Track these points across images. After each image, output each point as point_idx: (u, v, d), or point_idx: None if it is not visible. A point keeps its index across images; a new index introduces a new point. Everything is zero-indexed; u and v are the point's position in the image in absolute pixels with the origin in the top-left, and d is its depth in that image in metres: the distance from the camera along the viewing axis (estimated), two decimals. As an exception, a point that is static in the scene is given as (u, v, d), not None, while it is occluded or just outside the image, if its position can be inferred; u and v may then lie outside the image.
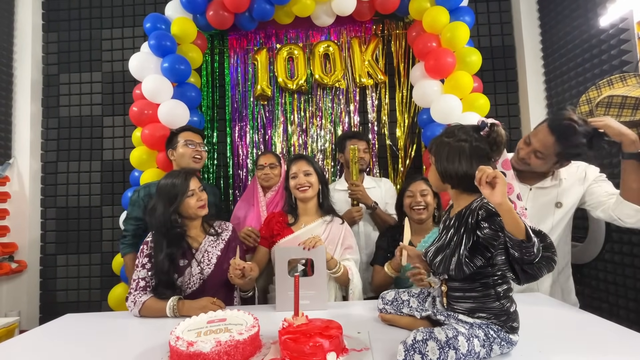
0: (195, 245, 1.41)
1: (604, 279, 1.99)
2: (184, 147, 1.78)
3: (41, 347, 1.08)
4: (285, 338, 0.90)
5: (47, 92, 2.73)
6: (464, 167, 0.88)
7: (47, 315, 2.54)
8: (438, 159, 0.93)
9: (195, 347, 0.85)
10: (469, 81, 2.16)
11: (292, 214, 1.61)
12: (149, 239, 1.39)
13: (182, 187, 1.36)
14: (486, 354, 0.81)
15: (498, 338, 0.83)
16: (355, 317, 1.19)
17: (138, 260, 1.36)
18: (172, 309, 1.25)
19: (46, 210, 2.66)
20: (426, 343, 0.76)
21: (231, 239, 1.48)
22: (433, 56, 2.18)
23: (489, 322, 0.85)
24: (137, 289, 1.32)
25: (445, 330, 0.79)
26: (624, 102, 1.66)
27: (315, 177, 1.57)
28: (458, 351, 0.76)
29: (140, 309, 1.28)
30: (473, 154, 0.88)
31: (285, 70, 2.61)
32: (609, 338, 0.95)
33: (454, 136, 0.91)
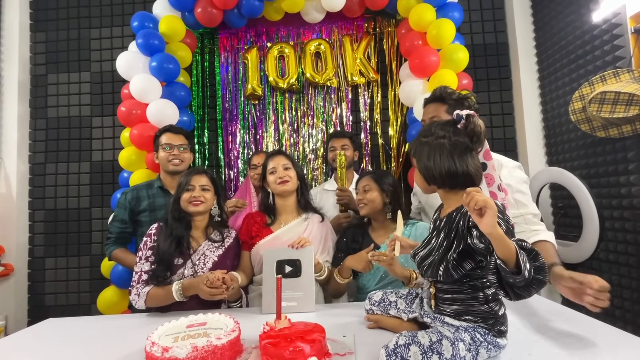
0: (194, 246, 1.39)
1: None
2: (162, 150, 1.74)
3: (19, 353, 1.05)
4: (265, 342, 0.86)
5: (35, 93, 2.68)
6: (446, 164, 0.84)
7: (35, 319, 2.48)
8: (419, 160, 0.90)
9: (170, 353, 0.82)
10: (453, 79, 2.12)
11: (270, 214, 1.56)
12: (153, 231, 1.38)
13: (185, 180, 1.40)
14: (472, 358, 0.78)
15: (485, 342, 0.80)
16: (342, 320, 1.15)
17: (141, 253, 1.34)
18: (178, 292, 1.25)
19: (34, 213, 2.61)
20: (408, 348, 0.73)
21: (231, 247, 1.46)
22: (417, 55, 2.16)
23: (475, 326, 0.82)
24: (140, 281, 1.31)
25: (429, 334, 0.76)
26: (617, 98, 1.63)
27: (294, 172, 1.52)
28: (442, 356, 0.73)
29: (145, 299, 1.27)
30: (454, 149, 0.85)
31: (276, 69, 2.58)
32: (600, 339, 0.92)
33: (432, 134, 0.88)
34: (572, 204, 2.09)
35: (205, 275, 1.22)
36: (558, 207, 2.31)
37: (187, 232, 1.39)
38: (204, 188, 1.41)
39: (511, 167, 1.39)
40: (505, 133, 2.57)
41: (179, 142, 1.76)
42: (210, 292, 1.20)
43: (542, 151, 2.49)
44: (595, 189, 1.91)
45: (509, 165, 1.40)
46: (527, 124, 2.50)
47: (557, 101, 2.30)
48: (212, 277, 1.20)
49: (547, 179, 2.19)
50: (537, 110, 2.51)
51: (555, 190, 2.35)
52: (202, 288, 1.20)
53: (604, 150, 1.92)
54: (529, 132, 2.50)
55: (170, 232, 1.35)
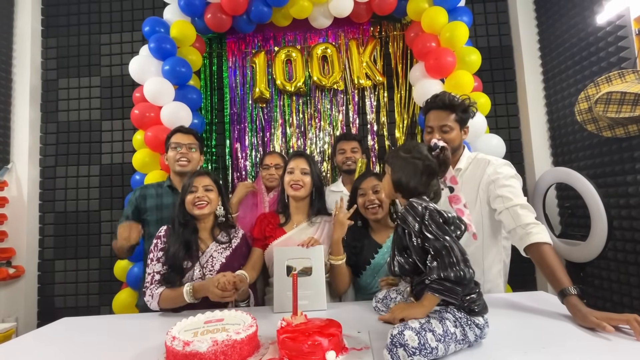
0: (202, 248, 1.40)
1: (608, 277, 1.97)
2: (171, 150, 1.75)
3: (37, 349, 1.06)
4: (283, 337, 0.88)
5: (46, 97, 2.73)
6: (415, 181, 0.99)
7: (45, 321, 2.47)
8: (394, 170, 1.03)
9: (191, 347, 0.83)
10: (470, 80, 2.16)
11: (284, 213, 1.58)
12: (162, 232, 1.40)
13: (188, 182, 1.42)
14: (462, 334, 0.85)
15: (463, 318, 0.87)
16: (355, 317, 1.17)
17: (152, 255, 1.36)
18: (189, 294, 1.26)
19: (44, 215, 2.65)
20: (403, 334, 0.78)
21: (239, 247, 1.47)
22: (433, 56, 2.18)
23: (446, 307, 0.89)
24: (153, 282, 1.33)
25: (418, 320, 0.84)
26: (623, 99, 1.65)
27: (310, 178, 1.53)
28: (435, 332, 0.80)
29: (158, 300, 1.29)
30: (425, 170, 0.99)
31: (283, 73, 2.62)
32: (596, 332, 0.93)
33: (410, 153, 1.01)
34: (579, 203, 2.10)
35: (217, 278, 1.22)
36: (565, 207, 2.32)
37: (195, 235, 1.40)
38: (207, 188, 1.42)
39: (497, 165, 1.38)
40: (511, 134, 2.59)
41: (188, 141, 1.76)
42: (221, 294, 1.21)
43: (547, 152, 2.50)
44: (602, 189, 1.92)
45: (496, 163, 1.39)
46: (533, 125, 2.51)
47: (562, 102, 2.32)
48: (224, 280, 1.21)
49: (553, 179, 2.20)
50: (542, 111, 2.53)
51: (561, 191, 2.36)
52: (213, 290, 1.21)
53: (610, 149, 1.93)
54: (534, 133, 2.52)
55: (177, 236, 1.36)
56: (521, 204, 1.26)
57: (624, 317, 0.93)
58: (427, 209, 0.92)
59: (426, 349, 0.77)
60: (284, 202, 1.60)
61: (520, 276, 2.42)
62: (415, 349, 0.76)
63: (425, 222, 0.90)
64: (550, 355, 0.83)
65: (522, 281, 2.39)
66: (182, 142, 1.75)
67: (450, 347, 0.82)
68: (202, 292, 1.26)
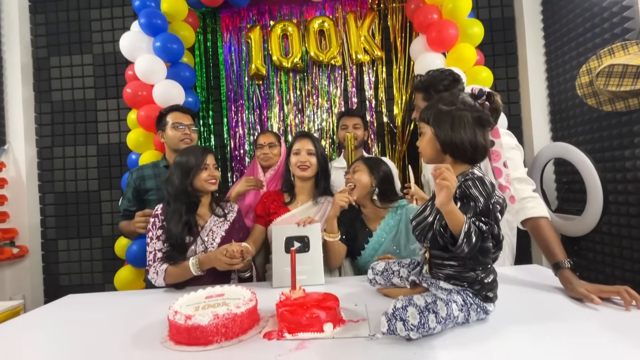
0: (201, 223, 1.43)
1: (601, 250, 2.01)
2: (172, 129, 1.73)
3: (45, 324, 1.10)
4: (282, 310, 0.91)
5: (38, 76, 2.68)
6: (469, 136, 0.87)
7: (51, 298, 2.54)
8: (439, 128, 0.90)
9: (193, 321, 0.86)
10: (472, 54, 2.12)
11: (289, 193, 1.60)
12: (159, 211, 1.41)
13: (199, 160, 1.41)
14: (464, 318, 0.85)
15: (474, 304, 0.86)
16: (352, 291, 1.20)
17: (151, 233, 1.38)
18: (195, 266, 1.30)
19: (44, 196, 2.66)
20: (406, 309, 0.77)
21: (235, 220, 1.50)
22: (435, 28, 2.13)
23: (464, 289, 0.87)
24: (156, 260, 1.36)
25: (424, 297, 0.81)
26: (625, 71, 1.63)
27: (316, 159, 1.55)
28: (438, 315, 0.79)
29: (164, 276, 1.33)
30: (476, 122, 0.87)
31: (279, 48, 2.56)
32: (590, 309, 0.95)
33: (454, 105, 0.89)
34: (576, 179, 2.11)
35: (224, 247, 1.26)
36: (562, 182, 2.33)
37: (194, 212, 1.42)
38: (215, 167, 1.46)
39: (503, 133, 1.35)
40: (510, 110, 2.56)
41: (189, 121, 1.78)
42: (230, 262, 1.25)
43: (547, 127, 2.49)
44: (600, 164, 1.93)
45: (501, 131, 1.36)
46: (533, 100, 2.49)
47: (563, 76, 2.29)
48: (231, 249, 1.25)
49: (551, 154, 2.20)
50: (543, 86, 2.49)
51: (559, 166, 2.37)
52: (221, 258, 1.24)
53: (609, 124, 1.92)
54: (534, 109, 2.49)
55: (179, 215, 1.37)
56: (518, 177, 1.25)
57: (615, 288, 0.95)
58: (495, 191, 0.84)
59: (424, 328, 0.77)
60: (289, 182, 1.61)
61: (517, 249, 2.46)
62: (414, 326, 0.76)
63: (492, 202, 0.82)
64: (540, 324, 0.86)
65: (517, 255, 2.44)
66: (184, 122, 1.75)
67: (448, 327, 0.83)
68: (208, 264, 1.30)
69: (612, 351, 0.72)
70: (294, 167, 1.54)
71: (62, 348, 0.91)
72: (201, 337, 0.86)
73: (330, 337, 0.85)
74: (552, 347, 0.75)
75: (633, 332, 0.80)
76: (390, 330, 0.78)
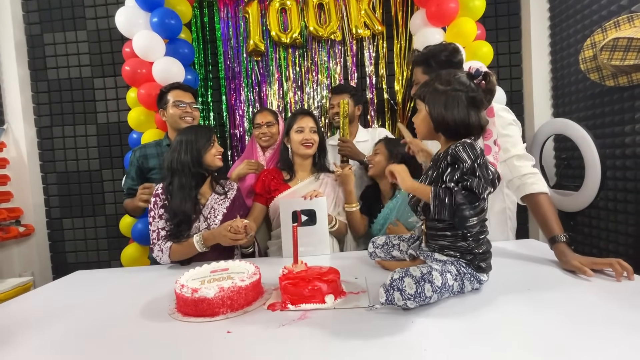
0: (202, 202, 1.45)
1: (597, 225, 2.05)
2: (173, 107, 1.72)
3: (55, 299, 1.14)
4: (285, 283, 0.94)
5: (33, 54, 2.63)
6: (462, 116, 0.89)
7: (59, 275, 2.60)
8: (433, 106, 0.92)
9: (199, 293, 0.89)
10: (472, 28, 2.08)
11: (288, 171, 1.61)
12: (160, 191, 1.42)
13: (209, 136, 1.43)
14: (459, 287, 0.88)
15: (467, 274, 0.90)
16: (353, 265, 1.24)
17: (153, 212, 1.40)
18: (199, 243, 1.34)
19: (47, 176, 2.67)
20: (403, 280, 0.81)
21: (236, 198, 1.53)
22: (435, 2, 2.07)
23: (457, 259, 0.91)
24: (160, 238, 1.39)
25: (420, 268, 0.85)
26: (630, 45, 1.60)
27: (317, 137, 1.58)
28: (433, 284, 0.82)
29: (169, 253, 1.36)
30: (470, 103, 0.89)
31: (278, 23, 2.50)
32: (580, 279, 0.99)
33: (450, 84, 0.91)
34: (575, 155, 2.12)
35: (228, 223, 1.29)
36: (561, 158, 2.34)
37: (197, 189, 1.44)
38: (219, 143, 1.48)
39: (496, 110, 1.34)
40: (512, 85, 2.54)
41: (190, 99, 1.77)
42: (234, 237, 1.28)
43: (548, 103, 2.47)
44: (600, 139, 1.93)
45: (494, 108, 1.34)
46: (535, 76, 2.45)
47: (567, 50, 2.25)
48: (235, 224, 1.28)
49: (552, 130, 2.20)
50: (546, 60, 2.45)
51: (559, 142, 2.37)
52: (226, 234, 1.28)
53: (611, 99, 1.91)
54: (536, 84, 2.46)
55: (190, 187, 1.39)
56: (517, 154, 1.26)
57: (607, 261, 0.98)
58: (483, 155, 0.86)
59: (420, 297, 0.80)
60: (287, 159, 1.62)
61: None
62: (411, 295, 0.80)
63: (478, 162, 0.84)
64: (534, 295, 0.89)
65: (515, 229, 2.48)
66: (185, 100, 1.74)
67: (444, 296, 0.87)
68: (212, 240, 1.33)
69: (606, 320, 0.74)
70: (298, 144, 1.55)
71: (74, 321, 0.94)
72: (208, 309, 0.89)
73: (331, 307, 0.89)
74: (544, 315, 0.78)
75: (626, 301, 0.83)
76: (388, 301, 0.81)
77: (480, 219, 0.91)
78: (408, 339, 0.71)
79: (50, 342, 0.82)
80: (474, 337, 0.71)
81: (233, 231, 1.28)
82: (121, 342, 0.79)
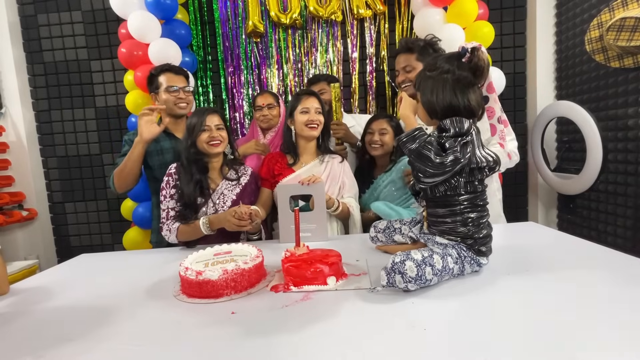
0: (212, 187, 1.46)
1: (596, 208, 2.06)
2: (165, 92, 1.65)
3: (61, 281, 1.16)
4: (288, 266, 0.96)
5: (27, 36, 2.58)
6: (448, 98, 0.89)
7: (64, 258, 2.65)
8: (423, 94, 0.94)
9: (203, 276, 0.91)
10: (474, 7, 2.03)
11: (292, 154, 1.60)
12: (173, 170, 1.43)
13: (198, 122, 1.41)
14: (459, 270, 0.90)
15: (468, 257, 0.91)
16: (354, 248, 1.26)
17: (165, 192, 1.42)
18: (205, 225, 1.35)
19: (47, 160, 2.67)
20: (404, 263, 0.82)
21: (248, 184, 1.51)
22: (435, -19, 2.02)
23: (458, 243, 0.92)
24: (169, 218, 1.40)
25: (421, 252, 0.86)
26: (637, 25, 1.57)
27: (322, 118, 1.54)
28: (434, 267, 0.84)
29: (176, 234, 1.38)
30: (456, 84, 0.89)
31: (277, 3, 2.44)
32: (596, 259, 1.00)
33: (436, 69, 0.92)
34: (577, 138, 2.11)
35: (234, 209, 1.30)
36: (563, 141, 2.33)
37: (205, 174, 1.44)
38: (218, 127, 1.44)
39: None
40: (516, 67, 2.50)
41: (183, 84, 1.69)
42: (238, 223, 1.29)
43: (551, 85, 2.44)
44: (602, 122, 1.92)
45: None
46: (539, 57, 2.42)
47: (573, 30, 2.20)
48: (240, 210, 1.28)
49: (554, 113, 2.18)
50: (551, 41, 2.41)
51: (561, 125, 2.35)
52: (230, 219, 1.28)
53: (616, 81, 1.88)
54: (540, 66, 2.43)
55: (190, 175, 1.40)
56: None
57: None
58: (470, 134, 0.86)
59: (421, 280, 0.82)
60: (291, 142, 1.59)
61: (514, 208, 2.53)
62: (412, 278, 0.81)
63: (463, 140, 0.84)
64: (531, 275, 0.91)
65: (515, 213, 2.50)
66: (177, 84, 1.67)
67: (444, 279, 0.89)
68: (218, 224, 1.34)
69: (607, 301, 0.76)
70: (302, 126, 1.51)
71: (80, 302, 0.96)
72: (212, 291, 0.91)
73: (333, 289, 0.91)
74: (543, 296, 0.80)
75: (627, 281, 0.84)
76: (389, 284, 0.83)
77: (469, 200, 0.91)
78: (408, 319, 0.73)
79: (56, 324, 0.84)
80: (473, 316, 0.73)
81: (237, 217, 1.28)
82: (127, 322, 0.82)
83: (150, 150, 1.70)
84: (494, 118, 0.98)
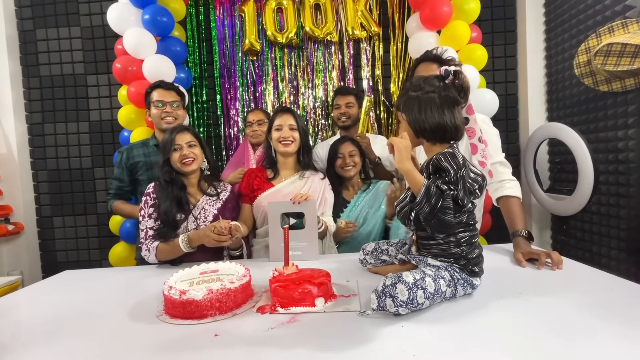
0: (192, 202, 1.44)
1: (589, 229, 2.05)
2: (154, 107, 1.70)
3: (42, 298, 1.12)
4: (275, 286, 0.93)
5: (25, 50, 2.59)
6: (436, 117, 0.89)
7: (49, 274, 2.58)
8: (409, 114, 0.93)
9: (187, 295, 0.88)
10: (466, 31, 2.08)
11: (272, 169, 1.60)
12: (150, 190, 1.41)
13: (168, 141, 1.40)
14: (452, 293, 0.88)
15: (461, 279, 0.89)
16: (345, 268, 1.23)
17: (143, 212, 1.39)
18: (184, 242, 1.32)
19: (37, 173, 2.64)
20: (395, 286, 0.79)
21: (228, 200, 1.50)
22: (429, 5, 2.07)
23: (450, 264, 0.90)
24: (147, 237, 1.37)
25: (412, 274, 0.83)
26: (623, 50, 1.61)
27: (298, 134, 1.54)
28: (426, 290, 0.81)
29: (155, 253, 1.34)
30: (443, 103, 0.89)
31: (274, 23, 2.49)
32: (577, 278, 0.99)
33: (421, 89, 0.92)
34: (569, 159, 2.13)
35: (213, 225, 1.28)
36: (555, 162, 2.35)
37: (184, 191, 1.42)
38: (190, 144, 1.42)
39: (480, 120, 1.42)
40: (507, 89, 2.54)
41: (171, 98, 1.72)
42: (218, 238, 1.26)
43: (543, 107, 2.48)
44: (593, 144, 1.94)
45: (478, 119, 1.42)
46: (530, 80, 2.47)
47: (562, 55, 2.26)
48: (219, 225, 1.26)
49: (546, 134, 2.20)
50: (541, 64, 2.46)
51: (553, 146, 2.38)
52: (210, 235, 1.26)
53: (605, 104, 1.92)
54: (531, 88, 2.47)
55: (167, 193, 1.38)
56: (500, 161, 1.37)
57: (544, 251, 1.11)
58: (465, 165, 0.86)
59: (413, 303, 0.79)
60: (271, 158, 1.60)
61: (499, 229, 2.51)
62: (403, 302, 0.78)
63: (461, 174, 0.83)
64: (525, 300, 0.88)
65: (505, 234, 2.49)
66: (165, 99, 1.71)
67: (436, 302, 0.86)
68: (197, 240, 1.31)
69: (599, 325, 0.74)
70: (276, 142, 1.53)
71: (60, 321, 0.92)
72: (196, 311, 0.88)
73: (321, 311, 0.88)
74: (535, 320, 0.78)
75: (619, 305, 0.82)
76: (380, 307, 0.80)
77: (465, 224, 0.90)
78: (397, 343, 0.70)
79: (35, 343, 0.80)
80: (463, 342, 0.70)
81: (217, 232, 1.26)
82: (107, 345, 0.78)
83: (141, 165, 1.70)
84: (474, 138, 1.00)
